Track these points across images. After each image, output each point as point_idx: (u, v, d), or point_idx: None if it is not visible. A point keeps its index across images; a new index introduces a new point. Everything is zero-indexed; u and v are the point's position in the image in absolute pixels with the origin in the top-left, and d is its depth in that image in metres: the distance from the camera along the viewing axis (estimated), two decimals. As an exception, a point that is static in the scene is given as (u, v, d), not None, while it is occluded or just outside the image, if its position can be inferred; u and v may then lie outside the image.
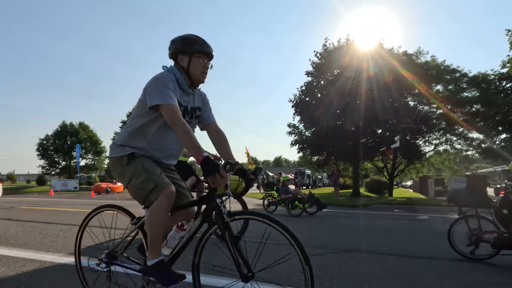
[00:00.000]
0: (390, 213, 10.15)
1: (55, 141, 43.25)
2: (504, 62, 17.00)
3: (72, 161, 43.54)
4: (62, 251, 4.21)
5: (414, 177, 25.87)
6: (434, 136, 19.79)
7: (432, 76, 17.83)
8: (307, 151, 18.99)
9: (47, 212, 9.26)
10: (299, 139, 18.56)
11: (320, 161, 19.74)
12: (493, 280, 3.25)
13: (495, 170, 50.67)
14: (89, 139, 45.07)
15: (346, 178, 31.18)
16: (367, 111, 16.03)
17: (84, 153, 44.41)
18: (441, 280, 3.19)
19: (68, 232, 5.71)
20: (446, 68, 17.83)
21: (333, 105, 16.33)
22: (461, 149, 20.27)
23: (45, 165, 43.31)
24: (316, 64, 18.11)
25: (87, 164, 46.27)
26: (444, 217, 9.07)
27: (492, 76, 16.68)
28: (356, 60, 16.94)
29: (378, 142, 17.53)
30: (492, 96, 16.00)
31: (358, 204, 12.13)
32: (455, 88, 17.81)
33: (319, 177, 45.06)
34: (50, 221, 7.10)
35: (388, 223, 7.99)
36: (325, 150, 17.67)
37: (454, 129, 18.52)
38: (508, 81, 16.49)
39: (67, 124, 44.28)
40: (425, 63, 18.17)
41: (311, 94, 18.04)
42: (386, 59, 17.31)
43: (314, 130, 17.69)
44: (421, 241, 5.34)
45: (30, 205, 11.68)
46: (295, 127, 18.91)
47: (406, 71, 16.80)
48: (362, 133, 16.68)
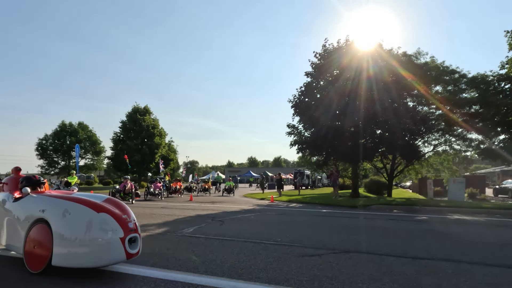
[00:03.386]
0: (389, 213, 10.17)
1: (54, 140, 43.15)
2: (503, 63, 17.02)
3: (71, 161, 43.50)
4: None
5: (414, 178, 25.88)
6: (433, 137, 19.81)
7: (431, 77, 17.83)
8: (306, 152, 19.00)
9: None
10: (298, 139, 18.56)
11: (320, 161, 19.73)
12: (491, 280, 3.27)
13: (494, 170, 50.74)
14: (88, 139, 44.99)
15: (345, 178, 31.20)
16: (367, 111, 16.04)
17: (83, 153, 44.34)
18: (439, 282, 3.22)
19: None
20: (446, 69, 17.82)
21: (332, 106, 16.33)
22: (460, 150, 20.28)
23: (44, 165, 43.24)
24: (315, 65, 18.12)
25: (86, 164, 46.19)
26: (443, 217, 9.09)
27: (491, 77, 16.67)
28: (355, 60, 16.94)
29: (378, 142, 17.53)
30: (491, 97, 15.98)
31: (357, 205, 12.15)
32: (454, 89, 17.81)
33: (319, 177, 45.05)
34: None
35: (387, 223, 8.01)
36: (325, 150, 17.67)
37: (453, 129, 18.53)
38: (507, 82, 16.49)
39: (66, 124, 44.20)
40: (425, 64, 18.17)
41: (310, 95, 18.04)
42: (385, 59, 17.32)
43: (313, 131, 17.69)
44: (420, 242, 5.36)
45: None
46: (294, 127, 18.92)
47: (405, 72, 16.81)
48: (361, 133, 16.69)
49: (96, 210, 3.23)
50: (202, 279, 3.14)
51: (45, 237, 3.20)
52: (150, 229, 6.28)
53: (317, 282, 3.13)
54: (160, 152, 35.98)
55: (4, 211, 3.99)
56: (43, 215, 3.31)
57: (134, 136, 35.14)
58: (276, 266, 3.71)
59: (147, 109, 37.32)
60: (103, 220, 3.18)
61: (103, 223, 3.16)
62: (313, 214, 9.81)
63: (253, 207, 12.24)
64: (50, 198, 3.57)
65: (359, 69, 16.59)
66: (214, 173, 58.46)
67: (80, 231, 3.10)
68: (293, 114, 18.35)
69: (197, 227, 6.57)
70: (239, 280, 3.17)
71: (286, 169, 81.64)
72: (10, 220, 3.80)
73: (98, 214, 3.19)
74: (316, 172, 36.54)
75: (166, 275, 3.26)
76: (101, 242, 3.12)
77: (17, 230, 3.60)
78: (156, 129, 36.64)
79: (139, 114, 36.17)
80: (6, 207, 3.97)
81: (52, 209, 3.33)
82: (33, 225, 3.36)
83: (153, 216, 8.53)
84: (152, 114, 37.72)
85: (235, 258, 4.02)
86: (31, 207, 3.56)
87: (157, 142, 35.53)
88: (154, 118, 37.63)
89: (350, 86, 16.43)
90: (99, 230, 3.13)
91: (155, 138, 35.74)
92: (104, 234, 3.14)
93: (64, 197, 3.56)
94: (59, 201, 3.44)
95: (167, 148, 39.02)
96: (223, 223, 7.32)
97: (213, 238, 5.43)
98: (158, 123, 37.85)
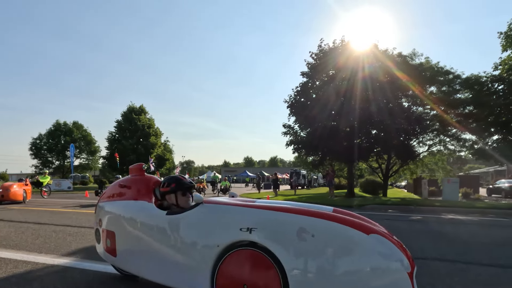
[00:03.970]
0: (384, 213, 10.21)
1: (48, 140, 42.79)
2: (496, 64, 17.23)
3: (66, 161, 43.15)
4: (54, 252, 4.17)
5: (409, 178, 26.05)
6: (428, 137, 19.97)
7: (426, 78, 17.98)
8: (302, 152, 19.04)
9: (40, 212, 9.16)
10: (294, 139, 18.59)
11: (315, 161, 19.80)
12: (485, 280, 3.29)
13: (488, 170, 51.29)
14: (83, 139, 44.70)
15: (341, 178, 31.32)
16: (362, 112, 16.11)
17: (78, 152, 44.03)
18: (433, 281, 3.23)
19: (61, 233, 5.66)
20: (440, 69, 17.97)
21: (328, 106, 16.38)
22: (454, 150, 20.46)
23: (38, 165, 42.86)
24: (311, 65, 18.16)
25: (81, 163, 45.89)
26: (437, 217, 9.16)
27: (484, 78, 16.86)
28: (351, 61, 17.01)
29: (373, 142, 17.63)
30: (484, 98, 16.16)
31: (352, 205, 12.19)
32: (449, 89, 17.97)
33: (314, 177, 45.17)
34: (43, 222, 7.04)
35: (382, 223, 7.98)
36: (320, 150, 17.73)
37: (448, 130, 18.70)
38: (500, 83, 16.70)
39: (61, 124, 43.86)
40: (420, 65, 18.30)
41: (306, 95, 18.08)
42: (381, 60, 17.42)
43: (309, 131, 17.73)
44: (414, 242, 5.38)
45: (22, 205, 11.55)
46: (290, 127, 18.94)
47: (400, 73, 16.92)
48: (356, 133, 16.77)
49: (365, 231, 1.98)
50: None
51: (263, 274, 2.03)
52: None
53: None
54: (156, 152, 35.83)
55: (149, 231, 2.56)
56: (254, 237, 2.07)
57: (130, 136, 34.99)
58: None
59: (142, 108, 37.16)
60: (381, 245, 1.94)
61: (384, 252, 1.92)
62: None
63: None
64: (258, 210, 2.25)
65: (355, 69, 16.66)
66: (210, 172, 58.36)
67: (345, 265, 1.89)
68: (289, 114, 18.38)
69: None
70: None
71: (283, 169, 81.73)
72: (170, 244, 2.40)
73: (369, 237, 1.95)
74: (312, 172, 36.64)
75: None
76: (383, 283, 1.87)
77: (188, 263, 2.30)
78: (151, 129, 36.52)
79: (135, 113, 36.01)
80: (157, 224, 2.53)
81: (272, 227, 2.08)
82: (228, 254, 2.14)
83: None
84: (147, 114, 37.61)
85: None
86: (215, 223, 2.29)
87: (152, 142, 35.40)
88: (150, 118, 37.51)
89: (345, 86, 16.50)
90: (379, 262, 1.89)
91: (151, 137, 35.61)
92: (388, 270, 1.89)
93: (283, 209, 2.21)
94: (285, 216, 2.14)
95: (163, 148, 38.90)
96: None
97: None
98: (154, 122, 37.74)
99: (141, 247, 2.58)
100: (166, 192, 2.72)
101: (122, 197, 2.95)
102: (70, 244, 4.74)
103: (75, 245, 4.65)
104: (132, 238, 2.65)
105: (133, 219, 2.68)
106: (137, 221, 2.65)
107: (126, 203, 2.86)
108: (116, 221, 2.82)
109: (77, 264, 3.62)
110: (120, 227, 2.77)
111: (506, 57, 16.85)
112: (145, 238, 2.56)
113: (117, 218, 2.82)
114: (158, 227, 2.51)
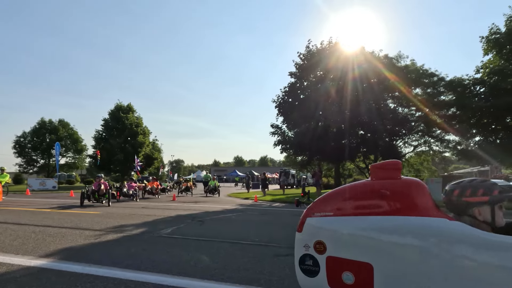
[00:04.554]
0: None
1: (33, 138, 41.77)
2: (478, 68, 17.73)
3: (51, 160, 42.22)
4: (32, 254, 4.12)
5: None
6: (414, 138, 20.39)
7: (411, 80, 18.37)
8: (290, 152, 19.19)
9: (20, 212, 8.98)
10: (282, 139, 18.72)
11: (304, 161, 19.97)
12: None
13: (471, 170, 52.58)
14: (69, 137, 43.79)
15: (329, 178, 31.63)
16: (349, 112, 16.35)
17: (64, 151, 43.11)
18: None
19: (40, 233, 5.58)
20: (425, 72, 18.40)
21: (316, 106, 16.56)
22: (439, 151, 20.95)
23: (22, 163, 41.80)
24: (299, 66, 18.31)
25: (67, 162, 44.96)
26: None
27: (467, 81, 17.34)
28: (338, 62, 17.24)
29: (359, 143, 17.91)
30: (467, 100, 16.62)
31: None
32: (433, 91, 18.41)
33: (304, 176, 45.49)
34: (23, 222, 6.91)
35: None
36: (308, 150, 17.90)
37: (432, 131, 19.13)
38: (482, 86, 17.20)
39: (46, 121, 42.84)
40: (405, 67, 18.68)
41: (294, 95, 18.23)
42: (368, 61, 17.70)
43: (297, 131, 17.89)
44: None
45: (3, 205, 11.29)
46: (278, 127, 19.06)
47: (388, 73, 17.23)
48: (344, 134, 17.00)
49: None
50: (174, 280, 3.15)
51: None
52: (127, 230, 6.20)
53: (287, 282, 3.18)
54: (144, 151, 35.44)
55: (478, 270, 1.59)
56: None
57: (117, 135, 34.47)
58: (250, 266, 3.74)
59: (130, 107, 36.67)
60: None
61: None
62: (294, 214, 9.91)
63: (235, 206, 12.25)
64: None
65: (342, 70, 16.89)
66: (200, 172, 58.02)
67: None
68: (277, 114, 18.50)
69: (175, 228, 6.53)
70: (210, 280, 3.19)
71: (272, 168, 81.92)
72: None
73: None
74: (301, 171, 36.89)
75: (138, 276, 3.24)
76: None
77: None
78: (139, 128, 36.07)
79: (122, 112, 35.49)
80: (499, 261, 1.56)
81: None
82: None
83: (133, 217, 8.41)
84: (135, 112, 37.12)
85: (210, 259, 4.04)
86: None
87: (140, 141, 34.98)
88: (138, 116, 37.03)
89: (334, 86, 16.71)
90: None
91: (139, 136, 35.18)
92: None
93: None
94: None
95: (151, 147, 38.47)
96: (203, 223, 7.31)
97: (190, 239, 5.42)
98: (142, 121, 37.28)
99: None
100: (476, 203, 1.82)
101: (378, 210, 1.91)
102: (49, 245, 4.68)
103: (54, 246, 4.60)
104: (419, 277, 1.72)
105: (425, 248, 1.71)
106: (441, 252, 1.68)
107: (400, 220, 1.82)
108: (376, 247, 1.85)
109: (54, 266, 3.59)
110: (388, 258, 1.81)
111: (487, 60, 17.36)
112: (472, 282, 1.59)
113: (377, 244, 1.85)
114: (499, 266, 1.54)
